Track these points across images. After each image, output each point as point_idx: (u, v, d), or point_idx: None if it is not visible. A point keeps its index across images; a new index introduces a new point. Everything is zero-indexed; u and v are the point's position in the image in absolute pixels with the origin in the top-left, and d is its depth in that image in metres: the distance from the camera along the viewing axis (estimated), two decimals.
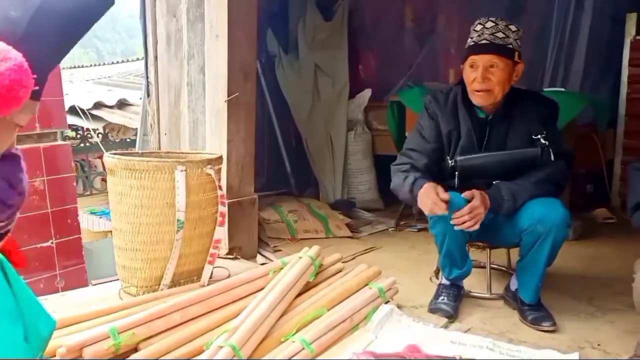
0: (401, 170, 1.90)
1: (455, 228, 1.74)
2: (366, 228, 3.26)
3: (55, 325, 1.06)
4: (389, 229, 3.25)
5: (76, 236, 2.44)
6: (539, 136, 1.80)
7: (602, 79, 3.64)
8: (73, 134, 4.98)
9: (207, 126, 2.61)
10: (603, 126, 3.31)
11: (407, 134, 3.23)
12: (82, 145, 4.61)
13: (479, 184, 1.83)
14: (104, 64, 8.77)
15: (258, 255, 2.63)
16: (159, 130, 2.97)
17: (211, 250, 1.97)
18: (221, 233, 1.97)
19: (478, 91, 1.84)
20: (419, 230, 3.19)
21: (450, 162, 1.88)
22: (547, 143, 1.79)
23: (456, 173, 1.85)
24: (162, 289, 1.92)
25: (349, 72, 3.79)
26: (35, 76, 0.96)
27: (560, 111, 1.96)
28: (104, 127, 4.40)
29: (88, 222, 3.93)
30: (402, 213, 3.29)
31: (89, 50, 21.62)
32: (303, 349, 1.46)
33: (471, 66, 1.85)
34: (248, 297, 1.75)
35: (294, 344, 1.47)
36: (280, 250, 2.71)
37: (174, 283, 1.97)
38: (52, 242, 2.35)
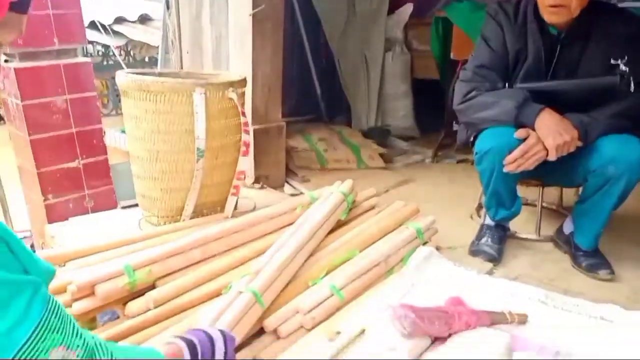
0: (479, 90, 1.63)
1: (505, 170, 1.54)
2: (401, 158, 3.05)
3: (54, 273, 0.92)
4: (426, 160, 3.04)
5: (103, 157, 2.36)
6: (619, 61, 1.52)
7: None
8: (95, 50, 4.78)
9: (231, 43, 2.37)
10: None
11: (452, 55, 2.90)
12: (104, 63, 4.40)
13: None
14: None
15: (286, 185, 2.49)
16: (180, 47, 2.75)
17: (234, 182, 1.81)
18: (245, 164, 1.80)
19: (552, 6, 1.53)
20: (459, 162, 2.96)
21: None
22: (627, 70, 1.50)
23: None
24: (184, 220, 1.81)
25: None
26: None
27: None
28: (126, 44, 4.17)
29: (118, 141, 3.82)
30: (440, 142, 3.06)
31: None
32: (332, 295, 1.33)
33: None
34: (273, 234, 1.62)
35: (321, 290, 1.33)
36: (308, 181, 2.55)
37: (197, 214, 1.85)
38: (78, 163, 2.27)
